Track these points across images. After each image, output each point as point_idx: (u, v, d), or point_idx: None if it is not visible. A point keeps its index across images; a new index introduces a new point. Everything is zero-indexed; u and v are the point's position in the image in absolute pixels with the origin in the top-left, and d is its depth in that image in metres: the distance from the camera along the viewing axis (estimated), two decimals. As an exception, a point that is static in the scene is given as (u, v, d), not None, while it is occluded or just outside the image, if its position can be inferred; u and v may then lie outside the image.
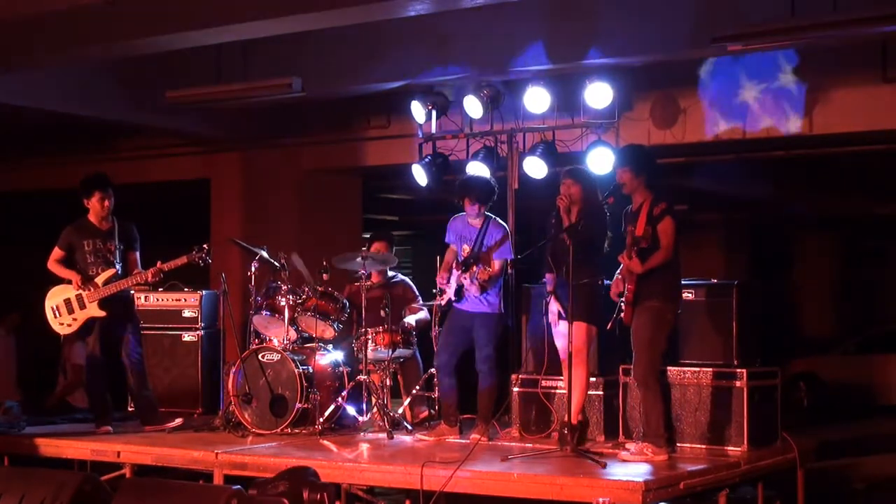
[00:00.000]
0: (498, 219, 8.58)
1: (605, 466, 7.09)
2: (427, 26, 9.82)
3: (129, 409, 10.08)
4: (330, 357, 9.02)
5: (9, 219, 16.37)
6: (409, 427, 8.84)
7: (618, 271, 7.61)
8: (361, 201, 14.27)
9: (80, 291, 8.75)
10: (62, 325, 8.89)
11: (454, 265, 8.43)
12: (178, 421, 9.00)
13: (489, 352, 8.37)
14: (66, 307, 8.82)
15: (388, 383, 9.03)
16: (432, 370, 9.01)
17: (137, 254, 8.99)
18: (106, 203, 8.85)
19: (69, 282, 8.80)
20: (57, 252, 8.88)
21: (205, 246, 8.83)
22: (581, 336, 7.70)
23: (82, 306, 8.79)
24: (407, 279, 9.81)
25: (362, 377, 8.74)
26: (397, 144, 12.05)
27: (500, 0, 8.96)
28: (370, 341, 8.90)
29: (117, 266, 8.83)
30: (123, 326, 8.96)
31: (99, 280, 8.77)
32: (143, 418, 9.06)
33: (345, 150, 12.94)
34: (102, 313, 8.79)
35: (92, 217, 8.89)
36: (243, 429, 8.71)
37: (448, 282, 8.44)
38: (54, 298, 8.88)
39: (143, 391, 9.11)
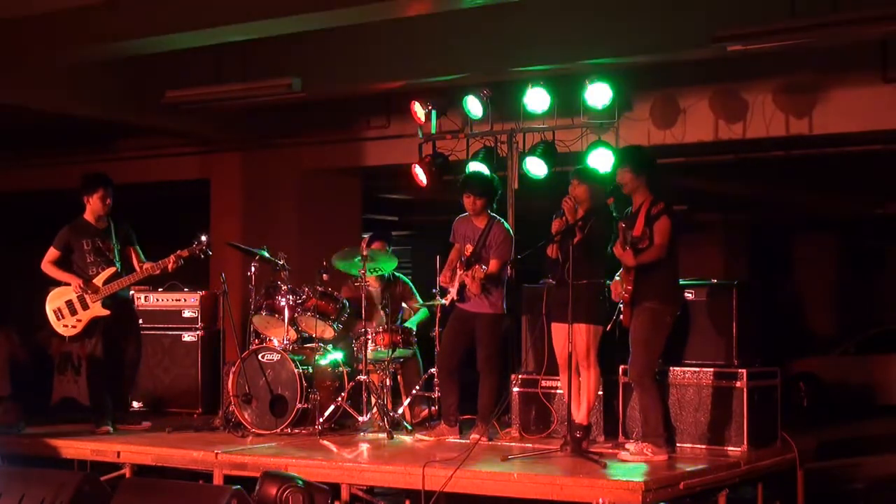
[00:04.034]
0: (503, 220, 8.58)
1: (605, 466, 7.09)
2: (427, 26, 9.83)
3: (130, 409, 10.09)
4: (330, 357, 9.02)
5: (9, 219, 16.37)
6: (409, 427, 8.84)
7: (617, 273, 7.61)
8: (361, 201, 14.28)
9: (82, 293, 8.72)
10: (66, 326, 8.84)
11: (457, 265, 8.43)
12: (146, 424, 9.02)
13: (490, 352, 8.36)
14: (68, 309, 8.78)
15: (388, 383, 9.03)
16: (432, 370, 9.03)
17: (137, 247, 8.99)
18: (108, 201, 8.85)
19: (67, 284, 8.78)
20: (52, 253, 8.83)
21: (203, 238, 8.83)
22: (584, 338, 7.69)
23: (85, 307, 8.77)
24: (406, 279, 9.81)
25: (362, 377, 8.74)
26: (397, 144, 12.06)
27: (500, 0, 8.98)
28: (370, 341, 8.90)
29: (117, 264, 8.83)
30: (126, 326, 8.96)
31: (99, 280, 8.76)
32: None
33: (345, 150, 12.95)
34: (106, 312, 8.77)
35: (88, 216, 8.88)
36: (243, 429, 8.71)
37: (451, 281, 8.44)
38: (56, 301, 8.84)
39: (127, 391, 9.14)
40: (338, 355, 9.05)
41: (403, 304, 9.60)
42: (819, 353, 17.93)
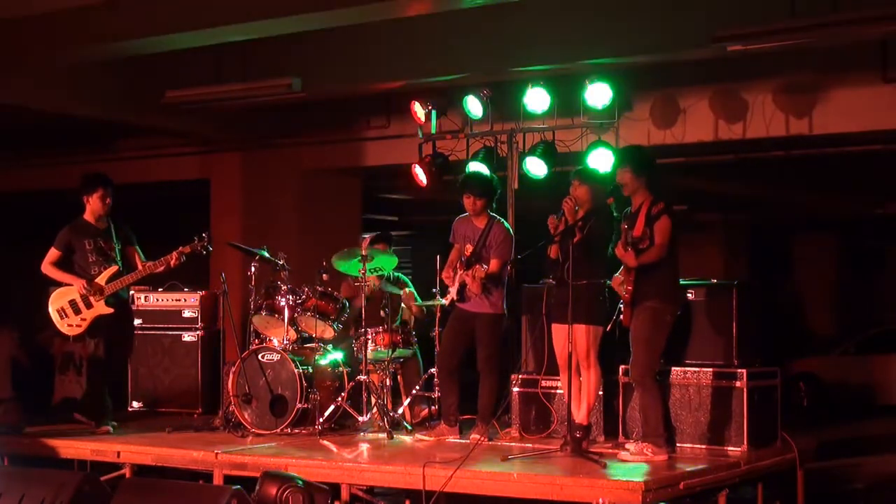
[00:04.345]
0: (503, 220, 8.58)
1: (605, 466, 7.09)
2: (427, 26, 9.83)
3: (129, 409, 10.10)
4: (330, 357, 9.02)
5: (9, 219, 16.37)
6: (409, 427, 8.85)
7: (618, 272, 7.61)
8: (361, 201, 14.29)
9: (86, 293, 8.70)
10: (71, 326, 8.80)
11: (458, 265, 8.43)
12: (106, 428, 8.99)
13: (490, 352, 8.36)
14: (71, 308, 8.75)
15: (388, 383, 9.03)
16: (432, 370, 9.02)
17: (137, 247, 8.99)
18: (108, 201, 8.84)
19: (69, 285, 8.76)
20: (53, 253, 8.81)
21: (204, 235, 8.84)
22: (584, 338, 7.68)
23: (89, 306, 8.73)
24: (405, 278, 9.81)
25: (362, 377, 8.74)
26: (397, 144, 12.06)
27: (500, 0, 8.98)
28: (370, 341, 8.90)
29: (118, 263, 8.83)
30: (122, 326, 8.96)
31: (102, 279, 8.74)
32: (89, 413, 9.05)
33: (345, 150, 12.95)
34: (110, 310, 8.75)
35: (88, 216, 8.87)
36: (243, 429, 8.71)
37: (453, 280, 8.44)
38: (59, 301, 8.79)
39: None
40: (338, 355, 9.05)
41: (402, 305, 9.61)
42: (819, 353, 17.92)
